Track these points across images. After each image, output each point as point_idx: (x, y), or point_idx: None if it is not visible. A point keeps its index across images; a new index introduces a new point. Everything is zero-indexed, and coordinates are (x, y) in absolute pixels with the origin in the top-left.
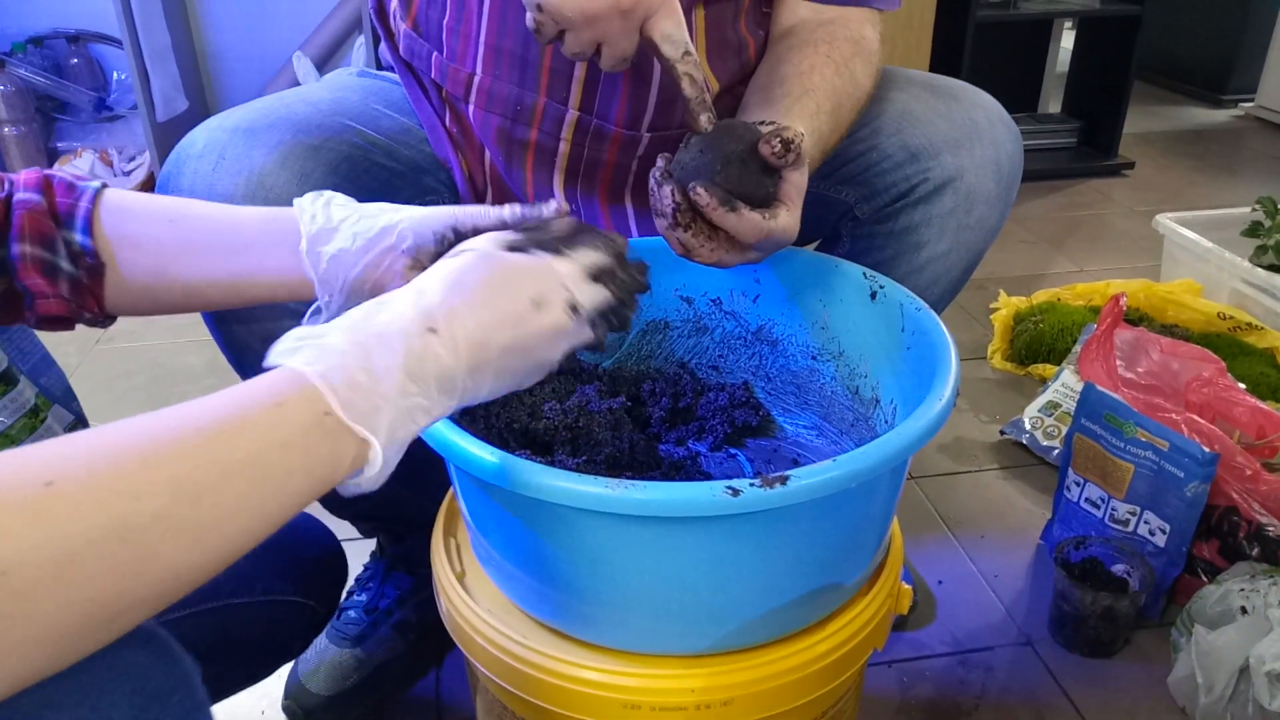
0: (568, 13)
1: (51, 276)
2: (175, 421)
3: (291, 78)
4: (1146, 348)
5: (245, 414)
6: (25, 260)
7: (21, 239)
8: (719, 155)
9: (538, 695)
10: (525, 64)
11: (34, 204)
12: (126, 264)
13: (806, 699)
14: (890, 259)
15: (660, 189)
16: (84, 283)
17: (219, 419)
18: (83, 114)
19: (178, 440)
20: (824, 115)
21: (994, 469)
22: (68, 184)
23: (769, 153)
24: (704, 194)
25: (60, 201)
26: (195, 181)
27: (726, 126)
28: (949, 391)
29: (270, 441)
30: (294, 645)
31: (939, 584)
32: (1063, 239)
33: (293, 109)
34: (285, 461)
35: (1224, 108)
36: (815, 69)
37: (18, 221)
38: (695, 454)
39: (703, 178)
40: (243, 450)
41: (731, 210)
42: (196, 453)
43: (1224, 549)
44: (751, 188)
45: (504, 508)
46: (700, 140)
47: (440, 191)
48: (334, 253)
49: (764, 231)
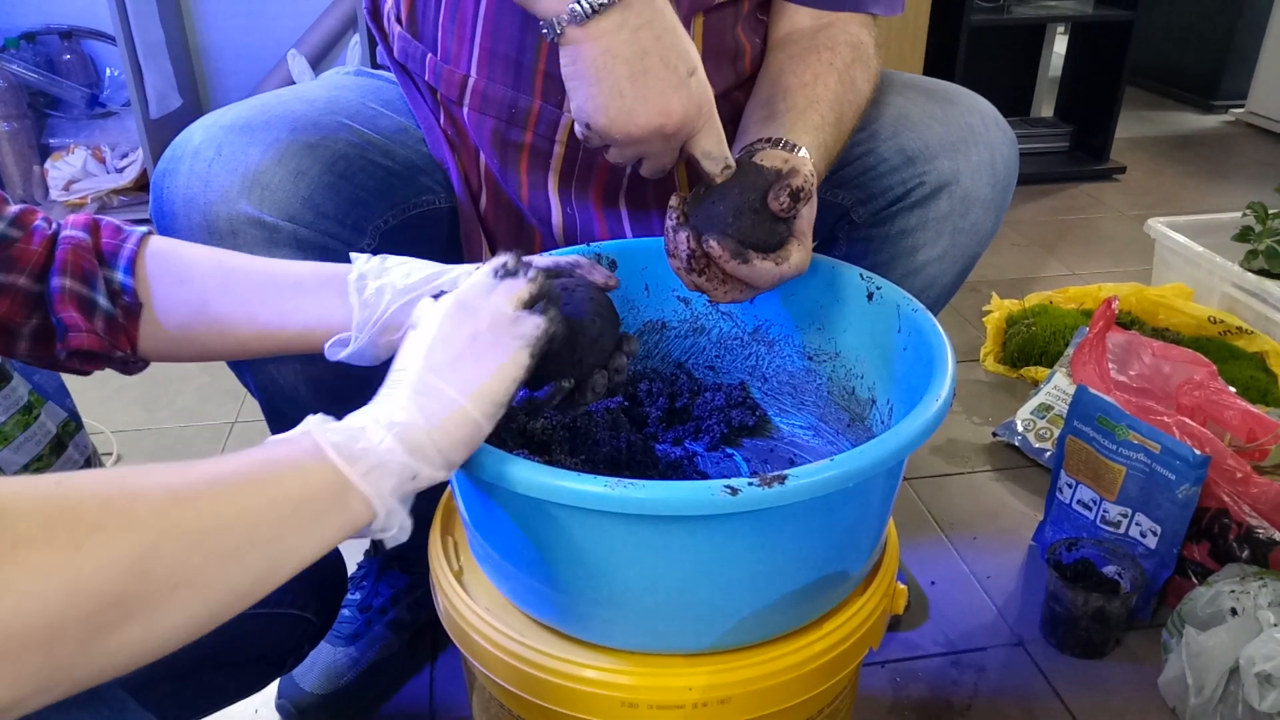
0: (615, 135)
1: (88, 312)
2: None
3: (286, 76)
4: (1138, 351)
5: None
6: (64, 293)
7: (62, 273)
8: (730, 207)
9: (535, 693)
10: (520, 67)
11: (79, 240)
12: (165, 303)
13: (803, 697)
14: (886, 262)
15: (676, 235)
16: (119, 321)
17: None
18: (75, 110)
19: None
20: (828, 127)
21: (986, 471)
22: (115, 226)
23: (778, 208)
24: (716, 247)
25: (106, 242)
26: (191, 178)
27: (740, 172)
28: (945, 392)
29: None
30: (289, 659)
31: (932, 585)
32: (1055, 243)
33: (290, 107)
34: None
35: (1215, 113)
36: (819, 79)
37: (60, 256)
38: (692, 454)
39: (716, 230)
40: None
41: (744, 262)
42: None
43: (1214, 551)
44: (765, 235)
45: (502, 507)
46: (713, 191)
47: (436, 192)
48: (382, 285)
49: (776, 277)
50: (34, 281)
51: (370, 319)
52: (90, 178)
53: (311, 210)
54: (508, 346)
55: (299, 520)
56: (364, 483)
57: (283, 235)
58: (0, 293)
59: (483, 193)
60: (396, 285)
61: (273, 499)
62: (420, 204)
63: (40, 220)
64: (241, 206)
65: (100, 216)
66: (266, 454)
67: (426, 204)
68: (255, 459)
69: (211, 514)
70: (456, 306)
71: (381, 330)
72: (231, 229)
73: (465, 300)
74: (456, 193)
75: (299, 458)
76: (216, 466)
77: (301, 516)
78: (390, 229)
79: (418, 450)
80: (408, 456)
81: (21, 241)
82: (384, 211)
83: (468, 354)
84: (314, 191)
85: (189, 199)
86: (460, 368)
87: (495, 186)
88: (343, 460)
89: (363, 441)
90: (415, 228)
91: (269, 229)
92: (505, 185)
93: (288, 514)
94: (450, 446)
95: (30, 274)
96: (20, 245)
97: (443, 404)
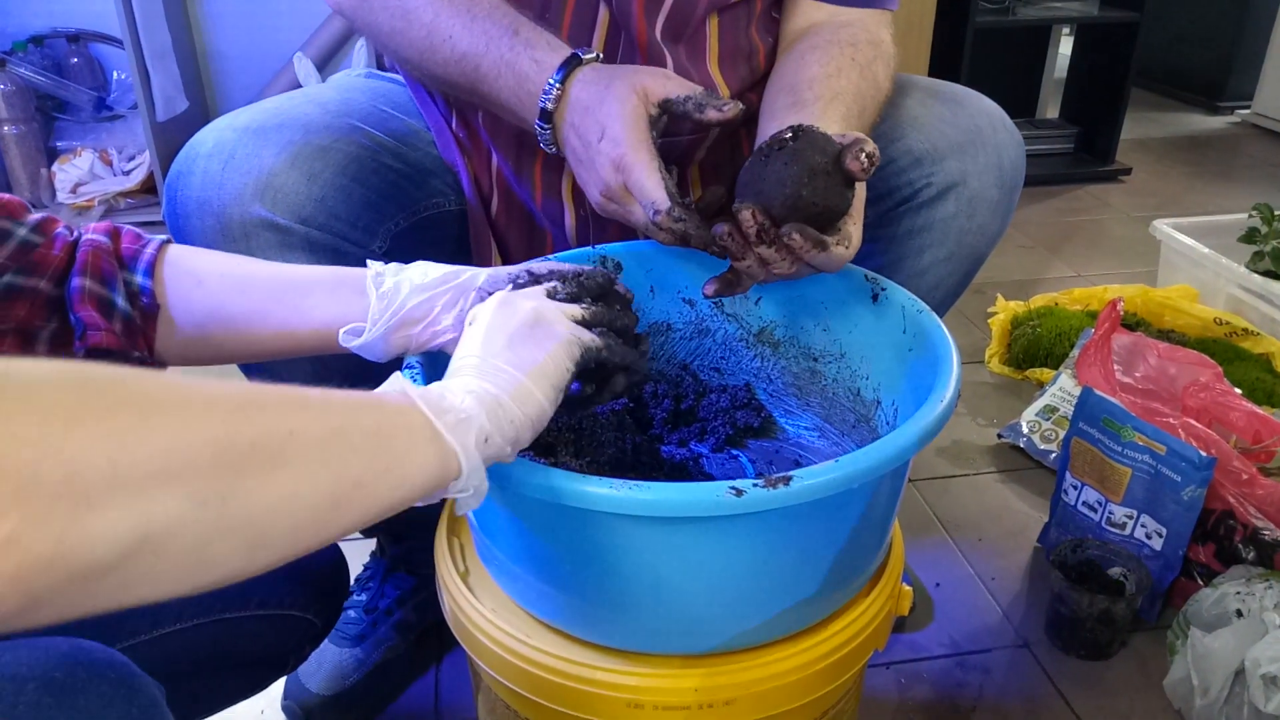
0: (594, 206)
1: (106, 312)
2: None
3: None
4: (1144, 352)
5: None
6: (83, 293)
7: (83, 273)
8: (805, 168)
9: (541, 694)
10: None
11: (100, 244)
12: (182, 304)
13: (808, 699)
14: (892, 263)
15: (740, 213)
16: (137, 323)
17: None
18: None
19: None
20: (853, 119)
21: (992, 472)
22: (136, 233)
23: (857, 168)
24: (799, 238)
25: (126, 246)
26: (205, 180)
27: (808, 138)
28: (950, 393)
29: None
30: (290, 659)
31: (937, 586)
32: (1060, 244)
33: (302, 110)
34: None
35: (1221, 114)
36: (842, 72)
37: (81, 258)
38: (697, 455)
39: (788, 189)
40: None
41: (823, 250)
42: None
43: (1220, 552)
44: (836, 201)
45: (508, 508)
46: (784, 152)
47: (446, 195)
48: (399, 280)
49: (844, 260)
50: (54, 286)
51: (387, 310)
52: (97, 180)
53: (324, 213)
54: (560, 334)
55: (393, 451)
56: (451, 435)
57: (295, 238)
58: (20, 297)
59: (494, 196)
60: (415, 281)
61: (377, 424)
62: (430, 206)
63: (62, 228)
64: (255, 209)
65: (121, 224)
66: (365, 394)
67: (436, 206)
68: (356, 395)
69: (333, 418)
70: (507, 300)
71: (397, 325)
72: (245, 231)
73: (516, 296)
74: (467, 195)
75: (398, 401)
76: (308, 388)
77: (394, 449)
78: (401, 231)
79: (494, 414)
80: (486, 420)
81: (43, 247)
82: (395, 214)
83: (523, 338)
84: (327, 194)
85: (203, 202)
86: (517, 349)
87: (507, 189)
88: (432, 413)
89: (447, 399)
90: (425, 230)
91: (282, 231)
92: (519, 188)
93: (385, 442)
94: (521, 421)
95: (51, 279)
96: (41, 250)
97: (507, 380)
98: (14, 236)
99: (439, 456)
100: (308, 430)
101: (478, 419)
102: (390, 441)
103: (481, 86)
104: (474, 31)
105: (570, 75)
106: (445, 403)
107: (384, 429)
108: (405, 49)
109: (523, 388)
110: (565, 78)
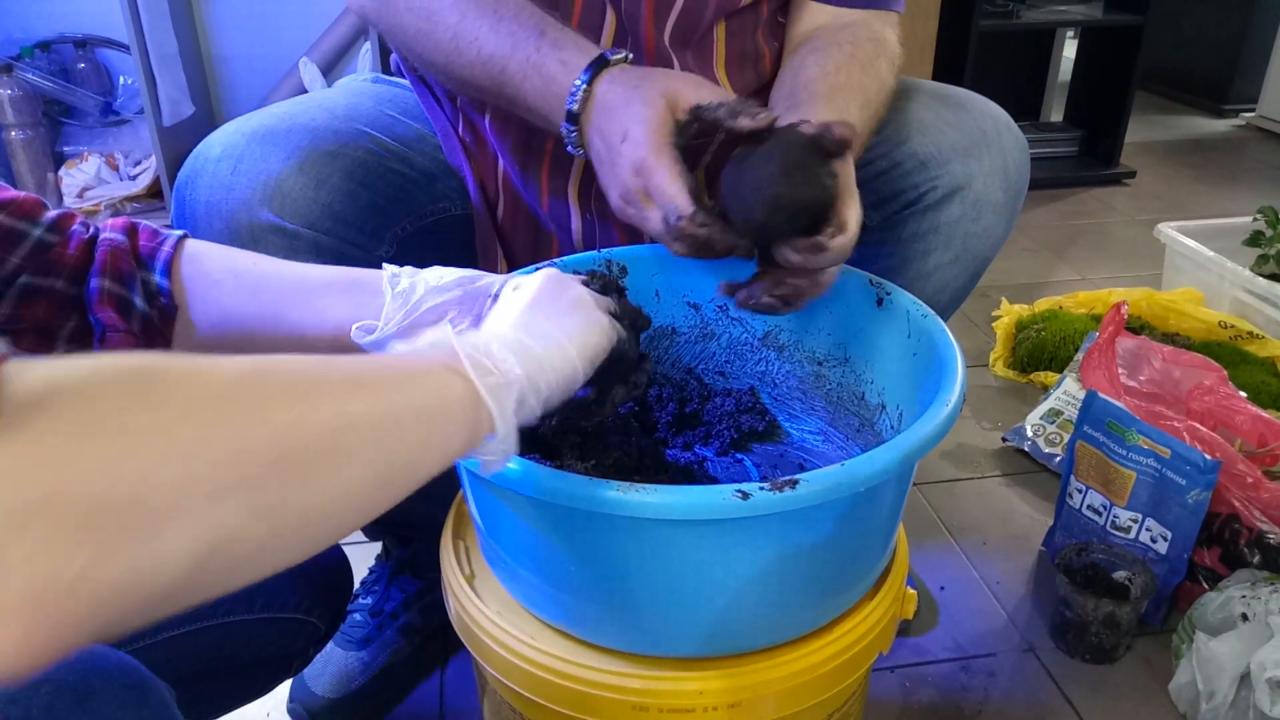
0: (614, 210)
1: (126, 313)
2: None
3: (298, 84)
4: (1148, 356)
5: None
6: (102, 294)
7: (102, 274)
8: (778, 167)
9: (546, 697)
10: None
11: (117, 243)
12: (200, 304)
13: (813, 702)
14: (897, 266)
15: (753, 287)
16: (155, 323)
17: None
18: (89, 118)
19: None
20: (854, 109)
21: (996, 476)
22: (153, 230)
23: (832, 146)
24: (795, 256)
25: (143, 244)
26: (213, 185)
27: (777, 137)
28: (955, 398)
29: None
30: (295, 662)
31: (941, 590)
32: (1064, 247)
33: (309, 115)
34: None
35: (1225, 117)
36: (841, 68)
37: (100, 258)
38: (702, 459)
39: (765, 192)
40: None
41: (823, 250)
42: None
43: (1225, 556)
44: (818, 191)
45: (513, 511)
46: (755, 156)
47: (452, 199)
48: (416, 281)
49: (847, 246)
50: (71, 284)
51: (402, 308)
52: (104, 185)
53: (331, 218)
54: (600, 318)
55: (440, 428)
56: (491, 397)
57: (303, 243)
58: (39, 295)
59: (500, 200)
60: (431, 282)
61: (425, 400)
62: (437, 211)
63: (78, 225)
64: (263, 214)
65: (138, 221)
66: (411, 359)
67: (443, 210)
68: (403, 363)
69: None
70: (557, 276)
71: (410, 326)
72: (253, 236)
73: (564, 275)
74: (473, 200)
75: (442, 361)
76: (355, 364)
77: (441, 426)
78: (407, 236)
79: (533, 376)
80: (526, 381)
81: (59, 246)
82: (402, 218)
83: (570, 309)
84: (334, 199)
85: (211, 206)
86: (564, 317)
87: (513, 194)
88: (476, 374)
89: (492, 355)
90: (431, 234)
91: (289, 236)
92: (525, 192)
93: (433, 420)
94: (556, 382)
95: (68, 277)
96: (58, 249)
97: (548, 340)
98: (30, 237)
99: (476, 422)
100: (363, 418)
101: (517, 382)
102: (437, 417)
103: (508, 89)
104: (500, 33)
105: (597, 76)
106: (489, 361)
107: (430, 407)
108: (430, 52)
109: (561, 350)
110: (592, 79)
